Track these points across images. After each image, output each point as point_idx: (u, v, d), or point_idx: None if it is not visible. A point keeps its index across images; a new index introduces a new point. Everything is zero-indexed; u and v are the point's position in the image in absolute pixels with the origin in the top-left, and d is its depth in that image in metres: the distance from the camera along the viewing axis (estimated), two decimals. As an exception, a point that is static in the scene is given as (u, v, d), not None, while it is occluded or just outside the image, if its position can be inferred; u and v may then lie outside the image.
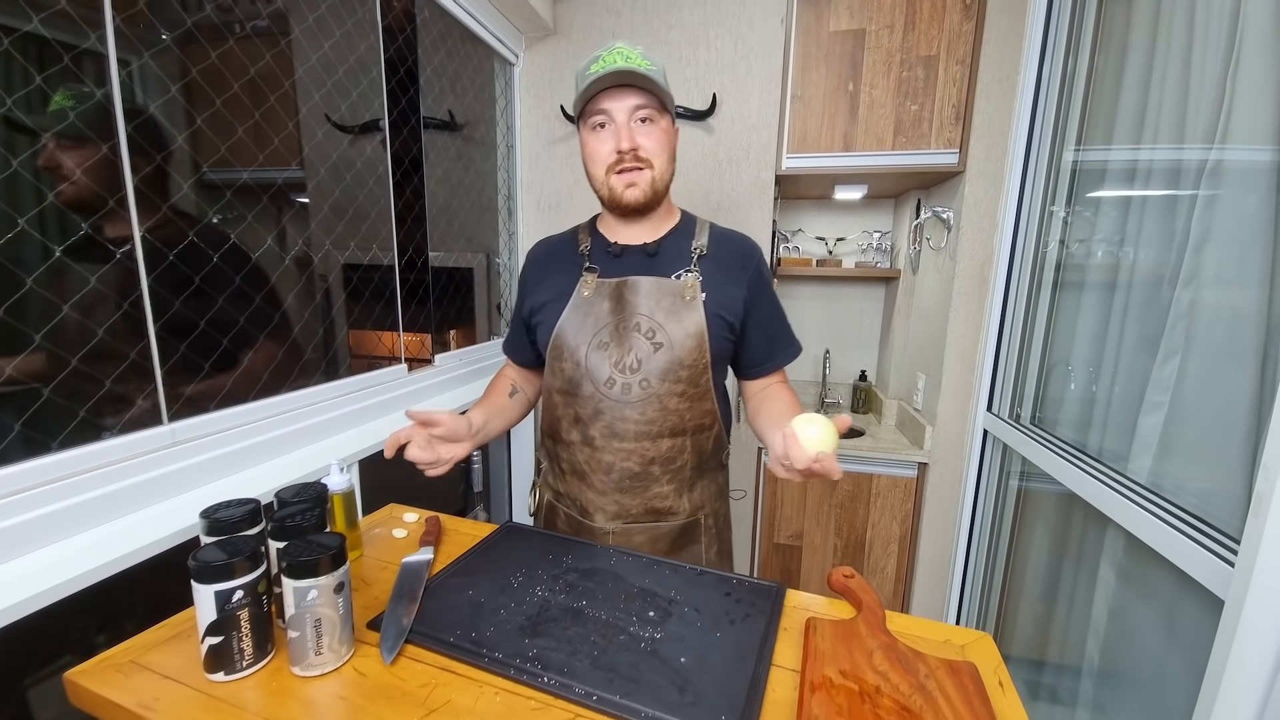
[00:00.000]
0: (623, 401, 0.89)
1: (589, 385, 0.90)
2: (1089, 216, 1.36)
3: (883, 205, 2.26)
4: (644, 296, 0.89)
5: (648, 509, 0.93)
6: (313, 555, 0.58)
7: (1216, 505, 0.87)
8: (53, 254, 0.72)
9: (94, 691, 0.57)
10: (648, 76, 0.82)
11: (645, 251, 0.93)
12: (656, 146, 0.86)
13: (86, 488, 0.73)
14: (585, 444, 0.92)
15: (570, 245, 0.99)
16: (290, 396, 1.04)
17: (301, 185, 1.15)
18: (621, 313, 0.90)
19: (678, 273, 0.91)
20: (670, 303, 0.89)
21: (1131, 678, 1.03)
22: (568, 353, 0.91)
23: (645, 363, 0.88)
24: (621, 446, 0.90)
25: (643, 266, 0.92)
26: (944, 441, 1.72)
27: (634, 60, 0.83)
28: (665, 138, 0.88)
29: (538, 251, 1.04)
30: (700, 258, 0.92)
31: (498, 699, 0.57)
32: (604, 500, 0.93)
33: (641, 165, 0.86)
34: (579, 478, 0.95)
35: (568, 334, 0.92)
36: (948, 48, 1.59)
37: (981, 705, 0.55)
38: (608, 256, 0.94)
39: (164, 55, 0.86)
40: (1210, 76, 0.93)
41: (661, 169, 0.88)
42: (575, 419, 0.92)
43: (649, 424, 0.89)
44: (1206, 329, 0.93)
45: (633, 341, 0.89)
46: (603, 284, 0.92)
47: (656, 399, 0.88)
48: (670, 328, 0.88)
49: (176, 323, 0.85)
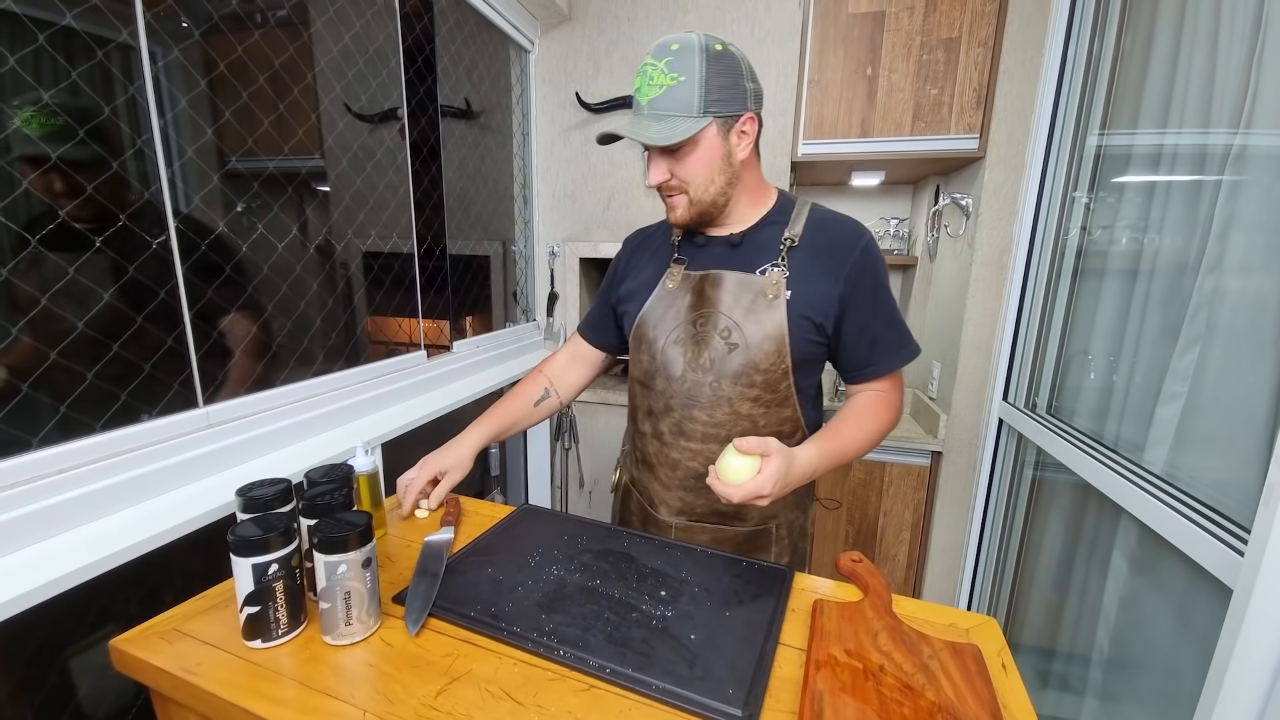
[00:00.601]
0: (692, 400, 0.87)
1: (662, 380, 0.89)
2: (1112, 202, 1.34)
3: (900, 192, 2.23)
4: (725, 292, 0.85)
5: (713, 510, 0.91)
6: (342, 532, 0.61)
7: (1231, 495, 0.87)
8: (91, 244, 0.76)
9: (139, 658, 0.62)
10: (655, 124, 0.76)
11: (729, 242, 0.88)
12: (689, 173, 0.81)
13: (128, 467, 0.77)
14: (655, 437, 0.92)
15: (664, 234, 0.97)
16: (317, 381, 1.08)
17: (323, 174, 1.18)
18: (701, 308, 0.86)
19: (763, 267, 0.85)
20: (750, 300, 0.84)
21: (1140, 666, 1.04)
22: (646, 344, 0.90)
23: (719, 363, 0.84)
24: (688, 446, 0.88)
25: (726, 258, 0.87)
26: (958, 430, 1.72)
27: (657, 82, 0.76)
28: (699, 156, 0.80)
29: (633, 239, 1.03)
30: (790, 249, 0.84)
31: (516, 669, 0.60)
32: (669, 495, 0.92)
33: (676, 192, 0.83)
34: (648, 469, 0.95)
35: (648, 325, 0.90)
36: (969, 29, 1.56)
37: (983, 685, 0.57)
38: (694, 246, 0.91)
39: (189, 47, 0.88)
40: (1236, 60, 0.91)
41: (699, 189, 0.82)
42: (649, 411, 0.92)
43: (717, 426, 0.86)
44: (1228, 317, 0.92)
45: (709, 339, 0.85)
46: (688, 276, 0.89)
47: (727, 402, 0.85)
48: (748, 328, 0.83)
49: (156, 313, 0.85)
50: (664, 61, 0.76)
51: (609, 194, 1.90)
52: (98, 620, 0.86)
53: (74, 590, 0.68)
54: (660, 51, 0.77)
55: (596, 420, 2.04)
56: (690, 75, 0.75)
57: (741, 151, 0.82)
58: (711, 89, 0.76)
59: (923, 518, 1.84)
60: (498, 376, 1.66)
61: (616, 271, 1.01)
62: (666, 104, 0.76)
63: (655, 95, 0.76)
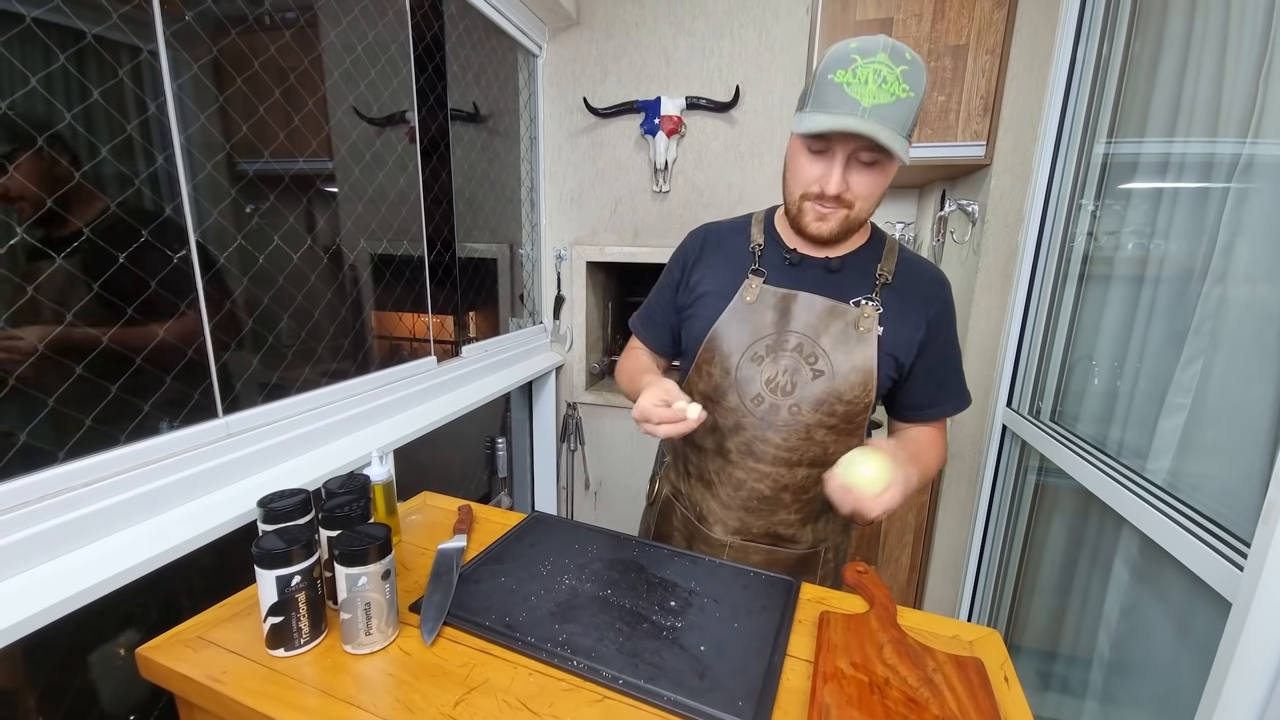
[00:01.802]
0: (767, 422, 0.84)
1: (735, 397, 0.85)
2: (1118, 210, 1.34)
3: (906, 196, 2.23)
4: (813, 316, 0.82)
5: (768, 532, 0.90)
6: (363, 545, 0.63)
7: (1232, 508, 0.88)
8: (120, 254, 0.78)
9: (165, 665, 0.64)
10: (888, 132, 0.67)
11: (827, 266, 0.84)
12: (867, 190, 0.75)
13: (151, 478, 0.79)
14: (719, 454, 0.88)
15: (741, 238, 0.90)
16: (331, 389, 1.09)
17: (333, 178, 1.19)
18: (785, 328, 0.83)
19: (856, 299, 0.82)
20: (840, 330, 0.81)
21: (1140, 673, 1.05)
22: (719, 358, 0.85)
23: (800, 387, 0.82)
24: (756, 467, 0.86)
25: (820, 283, 0.83)
26: (962, 436, 1.73)
27: (889, 88, 0.67)
28: (882, 180, 0.75)
29: (704, 236, 0.94)
30: (884, 285, 0.83)
31: (531, 680, 0.62)
32: (727, 514, 0.90)
33: (841, 205, 0.77)
34: (705, 485, 0.92)
35: (723, 338, 0.85)
36: (977, 37, 1.56)
37: (986, 699, 0.58)
38: (783, 262, 0.86)
39: (202, 55, 0.89)
40: (1245, 69, 0.91)
41: (862, 210, 0.77)
42: (714, 427, 0.88)
43: (790, 450, 0.84)
44: (1233, 328, 0.93)
45: (790, 362, 0.82)
46: (768, 291, 0.84)
47: (804, 427, 0.83)
48: (836, 357, 0.81)
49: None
50: (900, 70, 0.68)
51: (616, 198, 1.91)
52: (119, 626, 0.88)
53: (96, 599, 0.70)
54: (897, 56, 0.68)
55: (602, 422, 2.06)
56: (918, 94, 0.69)
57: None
58: (919, 114, 0.71)
59: (926, 522, 1.85)
60: (506, 380, 1.68)
61: (686, 267, 0.94)
62: (892, 115, 0.68)
63: (885, 102, 0.67)
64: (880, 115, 0.67)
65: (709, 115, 1.73)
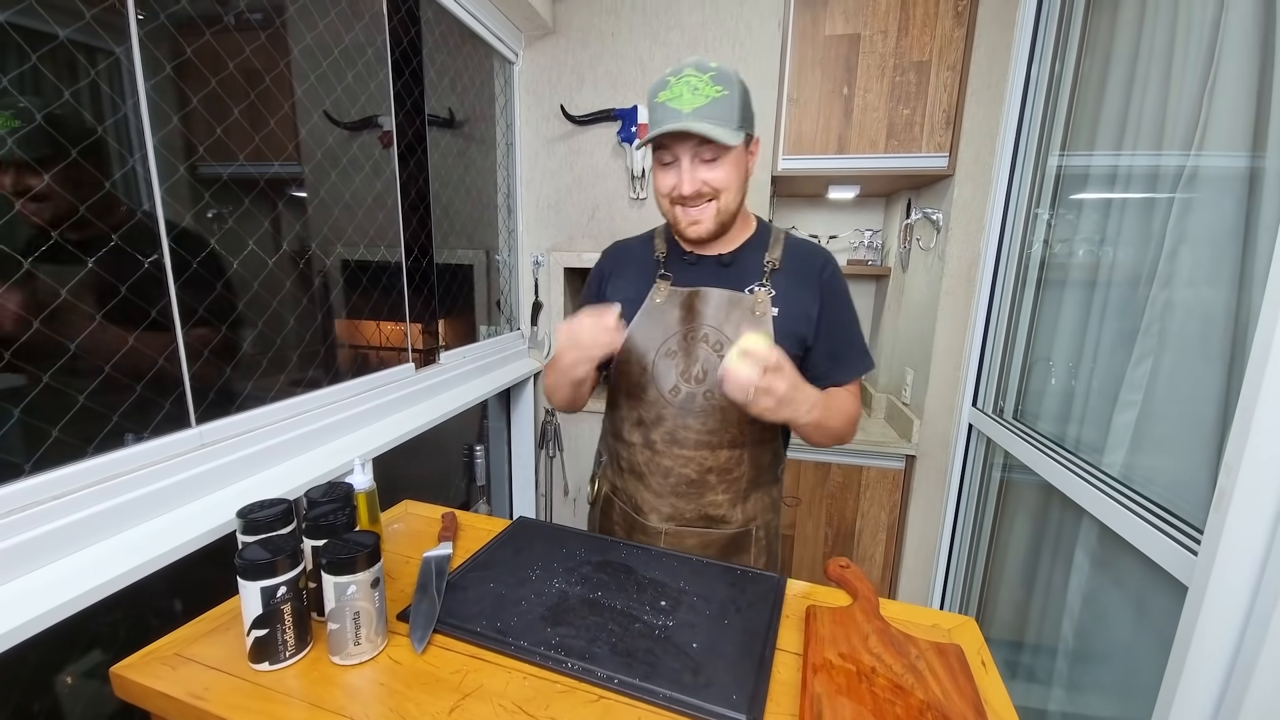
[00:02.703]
0: (685, 410, 0.91)
1: (654, 391, 0.92)
2: (1071, 219, 1.42)
3: (873, 204, 2.31)
4: (714, 308, 0.90)
5: (701, 515, 0.95)
6: (351, 553, 0.62)
7: (1183, 497, 0.94)
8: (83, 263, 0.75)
9: (142, 684, 0.61)
10: (711, 126, 0.78)
11: (720, 262, 0.93)
12: (724, 179, 0.84)
13: (122, 491, 0.76)
14: (646, 446, 0.95)
15: (647, 249, 1.00)
16: (308, 397, 1.07)
17: (303, 181, 1.17)
18: (691, 322, 0.91)
19: (750, 287, 0.91)
20: (740, 316, 0.89)
21: (1103, 657, 1.11)
22: (635, 357, 0.93)
23: (711, 374, 0.89)
24: (681, 453, 0.92)
25: (716, 277, 0.92)
26: (931, 435, 1.79)
27: (703, 92, 0.79)
28: (735, 167, 0.85)
29: (615, 252, 1.05)
30: (773, 271, 0.91)
31: (526, 683, 0.62)
32: (660, 502, 0.95)
33: (705, 200, 0.86)
34: (637, 478, 0.97)
35: (637, 339, 0.93)
36: (939, 53, 1.63)
37: (966, 683, 0.61)
38: (683, 264, 0.95)
39: (169, 55, 0.87)
40: (1190, 85, 0.97)
41: (730, 198, 0.86)
42: (638, 421, 0.95)
43: (710, 434, 0.91)
44: (1179, 329, 0.99)
45: (700, 352, 0.90)
46: (675, 292, 0.93)
47: (719, 410, 0.90)
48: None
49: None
50: (708, 75, 0.81)
51: (593, 205, 1.92)
52: (87, 646, 0.84)
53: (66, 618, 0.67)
54: (702, 66, 0.82)
55: (580, 428, 2.05)
56: (732, 91, 0.81)
57: (751, 170, 0.90)
58: (744, 107, 0.83)
59: (898, 519, 1.91)
60: (485, 386, 1.67)
61: (602, 283, 1.03)
62: (713, 113, 0.80)
63: (701, 104, 0.80)
64: (701, 115, 0.79)
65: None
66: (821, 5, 1.69)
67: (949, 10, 1.60)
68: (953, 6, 1.60)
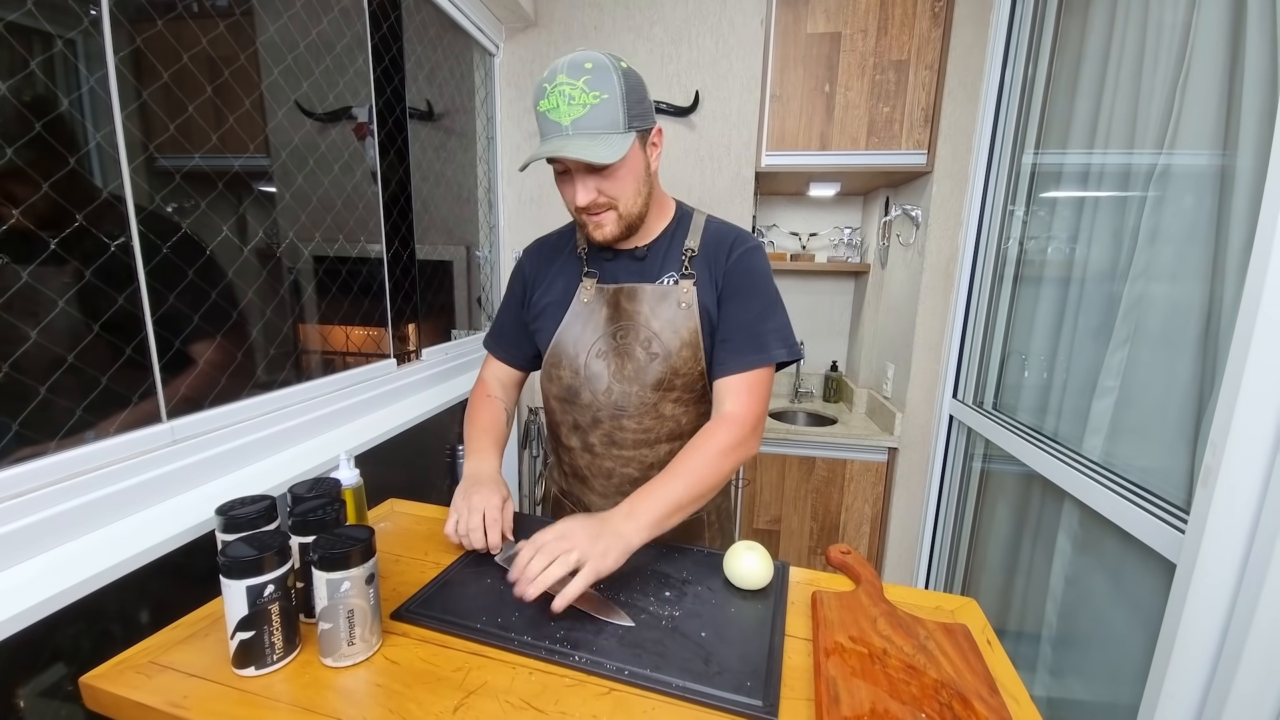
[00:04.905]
0: (620, 409, 0.89)
1: (588, 393, 0.90)
2: (1045, 216, 1.47)
3: (853, 202, 2.35)
4: (641, 304, 0.88)
5: None
6: (344, 548, 0.59)
7: (1161, 479, 0.97)
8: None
9: (115, 694, 0.57)
10: (589, 142, 0.74)
11: (634, 255, 0.90)
12: (618, 186, 0.80)
13: (87, 489, 0.71)
14: (585, 450, 0.93)
15: (568, 244, 0.96)
16: (286, 393, 1.02)
17: (269, 175, 1.11)
18: (619, 321, 0.88)
19: (669, 276, 0.88)
20: (666, 310, 0.87)
21: (1089, 640, 1.13)
22: (567, 361, 0.90)
23: (642, 373, 0.87)
24: (621, 454, 0.91)
25: (634, 271, 0.89)
26: (913, 427, 1.82)
27: (579, 101, 0.73)
28: (629, 171, 0.80)
29: (535, 251, 1.00)
30: (692, 258, 0.88)
31: (533, 678, 0.59)
32: (606, 503, 0.92)
33: (603, 209, 0.82)
34: (581, 481, 0.96)
35: (567, 342, 0.90)
36: (917, 53, 1.67)
37: (977, 661, 0.61)
38: (602, 259, 0.91)
39: (151, 43, 0.82)
40: (1161, 85, 1.01)
41: (629, 202, 0.82)
42: (574, 426, 0.93)
43: (646, 432, 0.90)
44: (1153, 320, 1.03)
45: (631, 350, 0.88)
46: (602, 290, 0.90)
47: (653, 408, 0.89)
48: (666, 337, 0.87)
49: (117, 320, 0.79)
50: (582, 80, 0.74)
51: (576, 200, 1.90)
52: (49, 658, 0.78)
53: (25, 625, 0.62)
54: (574, 71, 0.74)
55: (565, 427, 2.02)
56: (612, 92, 0.75)
57: (655, 163, 0.85)
58: (631, 104, 0.76)
59: (881, 510, 1.93)
60: (467, 384, 1.62)
61: (526, 284, 0.98)
62: (594, 122, 0.74)
63: (580, 115, 0.74)
64: (581, 126, 0.74)
65: (669, 120, 1.75)
66: (803, 3, 1.71)
67: (926, 11, 1.64)
68: (930, 7, 1.64)
